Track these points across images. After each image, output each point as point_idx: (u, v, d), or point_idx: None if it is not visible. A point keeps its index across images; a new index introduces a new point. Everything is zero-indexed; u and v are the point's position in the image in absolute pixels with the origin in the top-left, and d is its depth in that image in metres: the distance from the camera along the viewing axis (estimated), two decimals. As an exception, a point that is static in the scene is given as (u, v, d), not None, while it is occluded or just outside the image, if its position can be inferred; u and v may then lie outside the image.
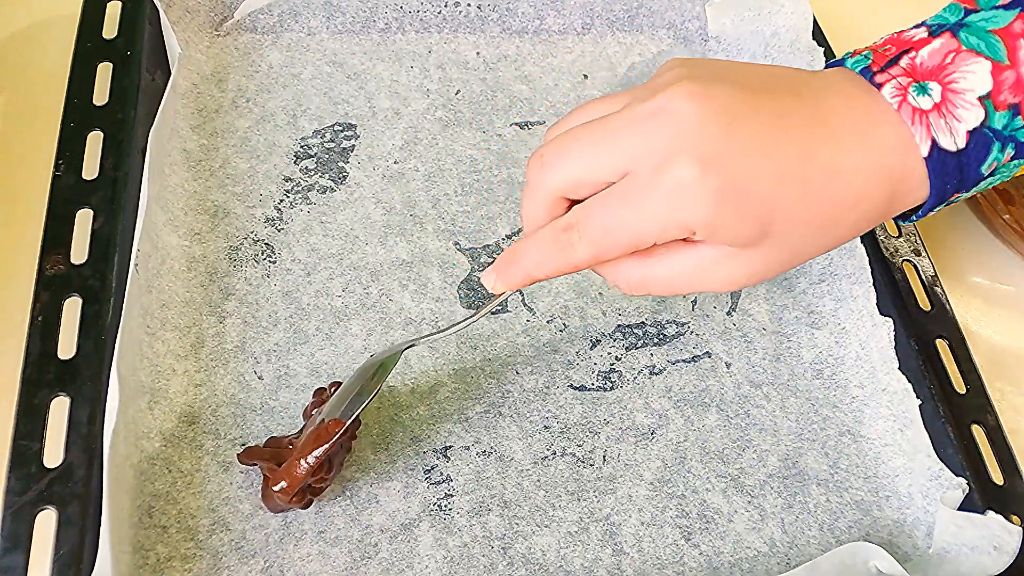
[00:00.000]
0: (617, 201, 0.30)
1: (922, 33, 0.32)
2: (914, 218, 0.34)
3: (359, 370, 0.38)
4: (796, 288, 0.48)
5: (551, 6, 0.55)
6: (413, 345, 0.38)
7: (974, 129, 0.31)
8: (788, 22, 0.53)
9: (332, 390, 0.39)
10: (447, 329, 0.37)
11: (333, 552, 0.37)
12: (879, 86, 0.31)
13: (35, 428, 0.35)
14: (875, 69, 0.32)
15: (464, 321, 0.37)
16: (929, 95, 0.31)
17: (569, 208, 0.33)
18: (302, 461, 0.35)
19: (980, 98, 0.30)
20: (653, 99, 0.30)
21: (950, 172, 0.31)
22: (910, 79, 0.31)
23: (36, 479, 0.34)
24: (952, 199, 0.33)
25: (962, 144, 0.31)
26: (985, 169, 0.31)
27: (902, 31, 0.33)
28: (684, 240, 0.31)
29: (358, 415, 0.35)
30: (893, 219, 0.35)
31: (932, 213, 0.33)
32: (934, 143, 0.30)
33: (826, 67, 0.34)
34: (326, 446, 0.35)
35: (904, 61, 0.32)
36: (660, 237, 0.31)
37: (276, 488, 0.35)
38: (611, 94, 0.34)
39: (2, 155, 0.48)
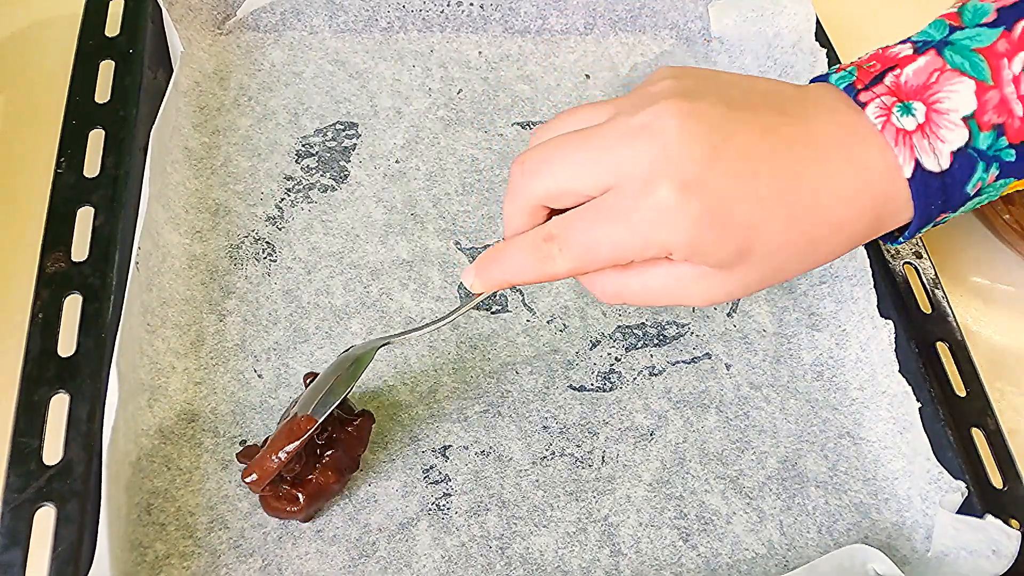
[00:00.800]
0: (598, 217, 0.30)
1: (907, 50, 0.32)
2: (901, 240, 0.34)
3: (334, 363, 0.37)
4: (797, 290, 0.48)
5: (554, 6, 0.55)
6: (387, 343, 0.37)
7: (958, 150, 0.30)
8: (791, 23, 0.53)
9: (308, 381, 0.38)
10: (424, 327, 0.37)
11: (331, 551, 0.37)
12: (863, 105, 0.31)
13: (35, 425, 0.35)
14: (859, 87, 0.32)
15: (441, 320, 0.37)
16: (913, 115, 0.30)
17: (550, 215, 0.32)
18: (273, 456, 0.35)
19: (964, 118, 0.30)
20: (640, 114, 0.30)
21: (933, 193, 0.31)
22: (894, 99, 0.31)
23: (35, 476, 0.34)
24: (939, 219, 0.33)
25: (946, 165, 0.30)
26: (971, 189, 0.31)
27: (887, 47, 0.33)
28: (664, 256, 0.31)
29: (328, 413, 0.35)
30: (880, 239, 0.34)
31: (920, 234, 0.33)
32: (917, 164, 0.30)
33: (811, 82, 0.34)
34: (297, 443, 0.35)
35: (888, 79, 0.31)
36: (639, 256, 0.30)
37: (248, 480, 0.35)
38: (598, 102, 0.33)
39: (3, 153, 0.48)
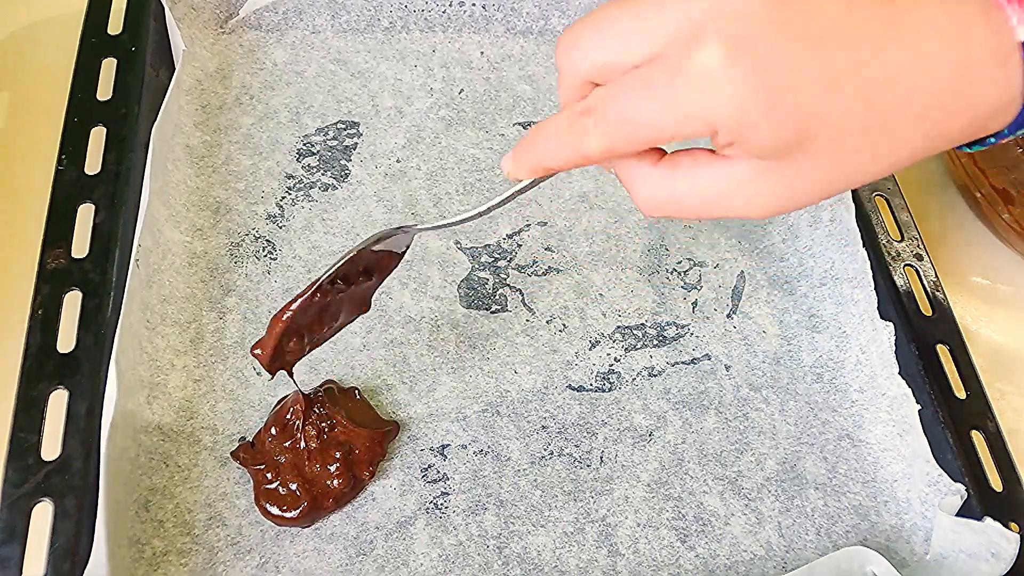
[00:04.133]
0: (637, 87, 0.26)
1: None
2: (1004, 134, 0.28)
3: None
4: (797, 291, 0.48)
5: (556, 6, 0.55)
6: (419, 232, 0.35)
7: None
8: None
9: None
10: (460, 220, 0.34)
11: (328, 549, 0.37)
12: None
13: (33, 420, 0.35)
14: None
15: (480, 208, 0.33)
16: None
17: None
18: (284, 313, 0.34)
19: None
20: None
21: None
22: None
23: (33, 471, 0.34)
24: None
25: None
26: None
27: None
28: (713, 152, 0.27)
29: (337, 266, 0.34)
30: (968, 145, 0.28)
31: (1018, 134, 0.27)
32: None
33: None
34: (301, 300, 0.33)
35: None
36: (679, 131, 0.26)
37: (255, 352, 0.34)
38: None
39: (5, 150, 0.48)
